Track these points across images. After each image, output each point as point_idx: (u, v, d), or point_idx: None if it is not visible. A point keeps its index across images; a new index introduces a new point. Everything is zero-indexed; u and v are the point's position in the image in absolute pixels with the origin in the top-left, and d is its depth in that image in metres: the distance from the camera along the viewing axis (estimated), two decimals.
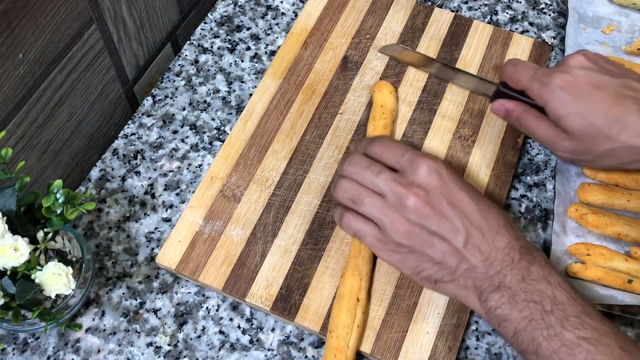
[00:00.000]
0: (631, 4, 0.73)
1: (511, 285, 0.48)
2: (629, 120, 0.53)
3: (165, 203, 0.64)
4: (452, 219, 0.50)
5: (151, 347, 0.57)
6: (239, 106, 0.69)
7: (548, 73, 0.56)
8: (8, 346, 0.57)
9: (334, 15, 0.73)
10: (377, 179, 0.52)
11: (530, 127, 0.57)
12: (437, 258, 0.50)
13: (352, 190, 0.53)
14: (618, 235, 0.60)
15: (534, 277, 0.48)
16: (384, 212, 0.51)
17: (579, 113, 0.54)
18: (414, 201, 0.50)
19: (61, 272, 0.48)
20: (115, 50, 0.65)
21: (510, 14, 0.76)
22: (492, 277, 0.49)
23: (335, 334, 0.54)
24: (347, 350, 0.53)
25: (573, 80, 0.55)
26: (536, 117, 0.57)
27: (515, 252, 0.49)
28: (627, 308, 0.56)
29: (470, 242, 0.49)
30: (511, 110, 0.59)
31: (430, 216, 0.50)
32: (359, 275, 0.56)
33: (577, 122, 0.54)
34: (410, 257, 0.52)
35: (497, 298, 0.48)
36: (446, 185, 0.51)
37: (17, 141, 0.57)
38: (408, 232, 0.51)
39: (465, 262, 0.50)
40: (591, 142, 0.54)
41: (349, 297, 0.55)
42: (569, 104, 0.54)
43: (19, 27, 0.51)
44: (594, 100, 0.54)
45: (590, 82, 0.55)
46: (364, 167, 0.53)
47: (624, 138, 0.53)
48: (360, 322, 0.55)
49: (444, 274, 0.51)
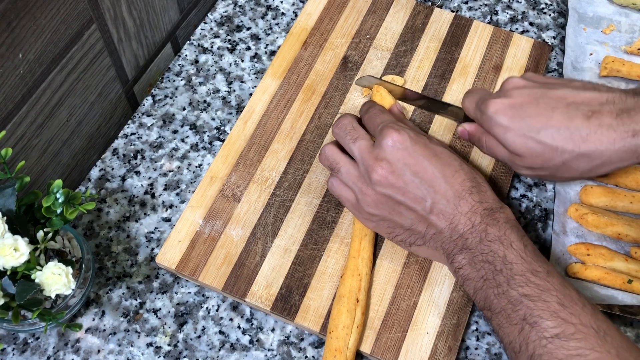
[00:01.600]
0: (631, 4, 0.73)
1: (471, 247, 0.51)
2: (572, 127, 0.52)
3: (165, 203, 0.64)
4: (416, 188, 0.53)
5: (151, 347, 0.57)
6: (239, 106, 0.69)
7: (486, 100, 0.56)
8: (8, 346, 0.57)
9: (334, 15, 0.73)
10: (354, 145, 0.55)
11: (490, 148, 0.58)
12: (406, 225, 0.54)
13: (331, 158, 0.57)
14: (618, 235, 0.60)
15: (490, 238, 0.51)
16: (355, 182, 0.55)
17: (517, 133, 0.53)
18: (379, 173, 0.53)
19: (61, 272, 0.48)
20: (115, 50, 0.65)
21: (510, 14, 0.76)
22: (456, 240, 0.52)
23: (334, 334, 0.54)
24: (346, 351, 0.53)
25: (508, 101, 0.54)
26: (494, 138, 0.57)
27: (477, 216, 0.52)
28: (627, 308, 0.56)
29: (435, 209, 0.52)
30: (472, 133, 0.60)
31: (395, 187, 0.53)
32: (358, 275, 0.56)
33: (518, 142, 0.54)
34: (382, 224, 0.55)
35: (460, 259, 0.52)
36: (410, 156, 0.53)
37: (17, 141, 0.57)
38: (376, 203, 0.54)
39: (432, 228, 0.53)
40: (541, 158, 0.54)
41: (348, 297, 0.55)
42: (506, 127, 0.54)
43: (19, 27, 0.51)
44: (530, 116, 0.53)
45: (524, 100, 0.54)
46: (347, 132, 0.57)
47: (570, 147, 0.52)
48: (359, 322, 0.55)
49: (415, 238, 0.55)
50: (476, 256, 0.51)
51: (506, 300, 0.48)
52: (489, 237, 0.50)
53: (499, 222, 0.51)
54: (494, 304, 0.49)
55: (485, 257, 0.50)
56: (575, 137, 0.52)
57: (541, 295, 0.47)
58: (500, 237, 0.50)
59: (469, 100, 0.59)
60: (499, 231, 0.51)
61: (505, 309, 0.48)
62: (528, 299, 0.47)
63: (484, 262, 0.50)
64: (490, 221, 0.51)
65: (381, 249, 0.59)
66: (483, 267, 0.50)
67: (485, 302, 0.50)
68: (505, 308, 0.48)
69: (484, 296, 0.50)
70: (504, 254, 0.49)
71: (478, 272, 0.50)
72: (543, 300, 0.47)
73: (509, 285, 0.48)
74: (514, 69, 0.70)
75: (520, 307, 0.47)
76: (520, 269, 0.49)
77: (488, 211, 0.52)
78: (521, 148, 0.54)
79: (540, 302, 0.47)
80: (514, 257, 0.49)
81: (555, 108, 0.53)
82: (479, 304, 0.51)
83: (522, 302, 0.47)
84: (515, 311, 0.47)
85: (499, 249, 0.50)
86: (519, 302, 0.47)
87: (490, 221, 0.51)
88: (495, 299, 0.49)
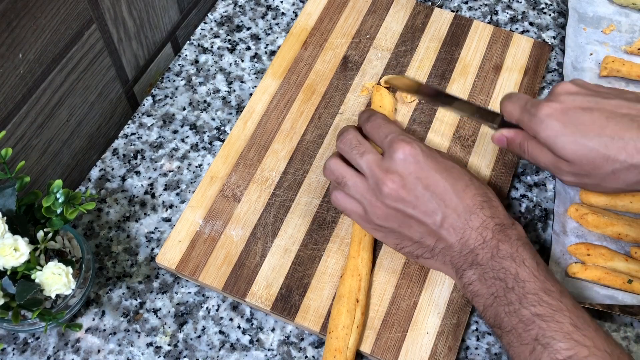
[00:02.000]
0: (631, 4, 0.73)
1: (482, 263, 0.50)
2: (626, 137, 0.51)
3: (165, 203, 0.64)
4: (427, 202, 0.52)
5: (151, 347, 0.57)
6: (239, 106, 0.69)
7: (536, 104, 0.54)
8: (8, 346, 0.57)
9: (334, 15, 0.73)
10: (361, 160, 0.55)
11: (532, 154, 0.56)
12: (415, 238, 0.54)
13: (337, 172, 0.56)
14: (618, 235, 0.60)
15: (502, 254, 0.50)
16: (364, 195, 0.54)
17: (569, 139, 0.52)
18: (390, 187, 0.52)
19: (61, 272, 0.48)
20: (115, 50, 0.65)
21: (510, 14, 0.76)
22: (466, 255, 0.51)
23: (334, 334, 0.54)
24: (346, 351, 0.53)
25: (560, 107, 0.53)
26: (538, 144, 0.56)
27: (489, 231, 0.51)
28: (627, 308, 0.56)
29: (446, 223, 0.52)
30: (512, 139, 0.58)
31: (406, 201, 0.52)
32: (358, 276, 0.56)
33: (570, 148, 0.52)
34: (391, 235, 0.55)
35: (470, 275, 0.51)
36: (422, 170, 0.52)
37: (17, 141, 0.57)
38: (386, 216, 0.53)
39: (442, 242, 0.53)
40: (590, 166, 0.52)
41: (348, 297, 0.55)
42: (558, 131, 0.53)
43: (19, 27, 0.51)
44: (584, 123, 0.52)
45: (579, 106, 0.53)
46: (352, 146, 0.56)
47: (623, 157, 0.51)
48: (359, 322, 0.55)
49: (423, 251, 0.54)
50: (487, 272, 0.50)
51: (517, 319, 0.47)
52: (500, 254, 0.50)
53: (511, 238, 0.51)
54: (505, 322, 0.48)
55: (497, 274, 0.49)
56: (629, 148, 0.51)
57: (554, 315, 0.46)
58: (512, 254, 0.50)
59: (512, 104, 0.57)
60: (511, 248, 0.50)
61: (516, 328, 0.47)
62: (540, 318, 0.46)
63: (495, 279, 0.49)
64: (502, 237, 0.51)
65: (381, 249, 0.59)
66: (494, 283, 0.49)
67: (496, 319, 0.49)
68: (516, 327, 0.47)
69: (494, 314, 0.49)
70: (516, 272, 0.49)
71: (488, 288, 0.50)
72: (556, 320, 0.46)
73: (520, 303, 0.47)
74: (514, 69, 0.70)
75: (532, 327, 0.46)
76: (532, 287, 0.48)
77: (500, 227, 0.51)
78: (572, 154, 0.52)
79: (553, 323, 0.46)
80: (527, 275, 0.49)
81: (610, 118, 0.52)
82: (489, 321, 0.50)
83: (535, 321, 0.46)
84: (527, 331, 0.47)
85: (511, 266, 0.49)
86: (531, 321, 0.47)
87: (502, 237, 0.51)
88: (506, 317, 0.48)
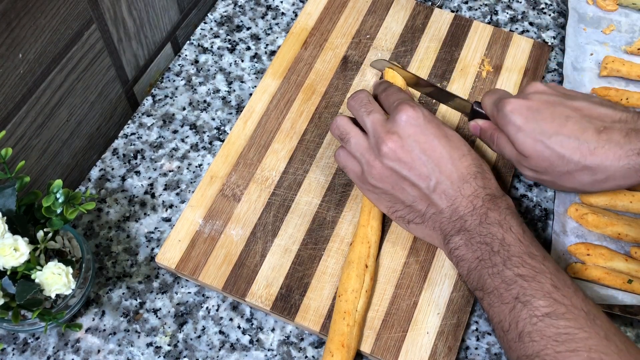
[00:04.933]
0: (631, 4, 0.73)
1: (469, 229, 0.52)
2: (581, 138, 0.53)
3: (165, 203, 0.64)
4: (422, 165, 0.53)
5: (151, 347, 0.57)
6: (239, 106, 0.69)
7: (503, 99, 0.57)
8: (8, 346, 0.57)
9: (334, 15, 0.73)
10: (367, 118, 0.56)
11: (500, 145, 0.59)
12: (407, 201, 0.55)
13: (342, 127, 0.57)
14: (618, 235, 0.60)
15: (489, 221, 0.51)
16: (364, 153, 0.55)
17: (529, 134, 0.54)
18: (389, 146, 0.54)
19: (61, 272, 0.48)
20: (115, 50, 0.65)
21: (510, 14, 0.76)
22: (455, 221, 0.53)
23: (344, 297, 0.55)
24: (355, 314, 0.54)
25: (526, 103, 0.55)
26: (504, 137, 0.58)
27: (479, 200, 0.52)
28: (627, 308, 0.56)
29: (439, 189, 0.53)
30: (485, 129, 0.60)
31: (402, 161, 0.54)
32: (367, 243, 0.57)
33: (528, 143, 0.54)
34: (384, 197, 0.56)
35: (457, 240, 0.52)
36: (422, 134, 0.54)
37: (17, 141, 0.57)
38: (381, 176, 0.55)
39: (433, 207, 0.54)
40: (546, 163, 0.54)
41: (357, 263, 0.56)
42: (518, 126, 0.55)
43: (19, 27, 0.51)
44: (544, 120, 0.54)
45: (542, 104, 0.55)
46: (362, 104, 0.57)
47: (577, 157, 0.53)
48: (368, 287, 0.56)
49: (414, 215, 0.55)
50: (474, 237, 0.51)
51: (500, 280, 0.49)
52: (488, 220, 0.51)
53: (500, 207, 0.52)
54: (487, 283, 0.50)
55: (483, 239, 0.51)
56: (583, 149, 0.53)
57: (536, 276, 0.48)
58: (500, 221, 0.51)
59: (488, 98, 0.59)
60: (499, 215, 0.51)
61: (498, 288, 0.49)
62: (522, 279, 0.48)
63: (481, 244, 0.51)
64: (492, 206, 0.52)
65: (381, 249, 0.59)
66: (479, 248, 0.51)
67: (479, 282, 0.50)
68: (498, 287, 0.49)
69: (478, 276, 0.51)
70: (502, 237, 0.50)
71: (474, 253, 0.51)
72: (537, 281, 0.48)
73: (504, 265, 0.49)
74: (514, 69, 0.70)
75: (513, 287, 0.48)
76: (517, 250, 0.49)
77: (490, 197, 0.53)
78: (529, 149, 0.55)
79: (535, 283, 0.48)
80: (512, 240, 0.50)
81: (570, 117, 0.54)
82: (471, 284, 0.52)
83: (517, 281, 0.48)
84: (509, 290, 0.48)
85: (498, 231, 0.51)
86: (513, 281, 0.48)
87: (491, 206, 0.52)
88: (489, 278, 0.49)
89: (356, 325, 0.54)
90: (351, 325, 0.54)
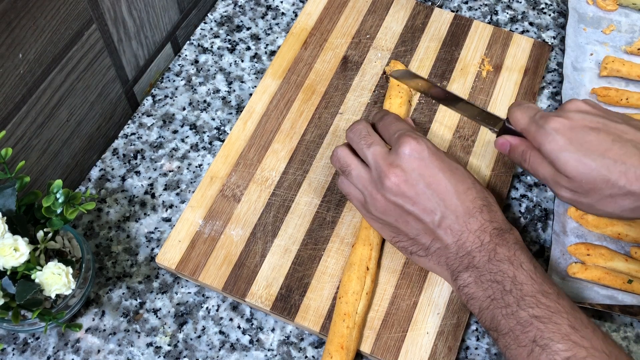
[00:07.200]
0: (631, 4, 0.73)
1: (478, 266, 0.50)
2: (628, 163, 0.50)
3: (165, 203, 0.64)
4: (427, 200, 0.52)
5: (151, 347, 0.57)
6: (239, 106, 0.69)
7: (545, 116, 0.54)
8: (8, 346, 0.57)
9: (334, 15, 0.73)
10: (368, 151, 0.55)
11: (533, 164, 0.56)
12: (411, 234, 0.54)
13: (343, 160, 0.57)
14: (618, 235, 0.60)
15: (499, 258, 0.50)
16: (366, 186, 0.55)
17: (573, 155, 0.52)
18: (392, 180, 0.53)
19: (61, 272, 0.48)
20: (115, 50, 0.65)
21: (510, 14, 0.76)
22: (462, 257, 0.51)
23: (344, 299, 0.55)
24: (355, 316, 0.54)
25: (569, 123, 0.53)
26: (539, 156, 0.55)
27: (486, 235, 0.51)
28: (627, 308, 0.56)
29: (444, 224, 0.52)
30: (515, 146, 0.57)
31: (406, 196, 0.52)
32: (369, 245, 0.57)
33: (572, 164, 0.52)
34: (387, 228, 0.55)
35: (466, 277, 0.51)
36: (426, 167, 0.53)
37: (17, 141, 0.57)
38: (384, 209, 0.54)
39: (438, 242, 0.53)
40: (590, 185, 0.52)
41: (359, 265, 0.56)
42: (562, 146, 0.52)
43: (19, 27, 0.51)
44: (589, 142, 0.52)
45: (587, 125, 0.53)
46: (361, 137, 0.56)
47: (623, 182, 0.50)
48: (369, 289, 0.56)
49: (418, 248, 0.54)
50: (483, 275, 0.50)
51: (515, 321, 0.47)
52: (497, 257, 0.50)
53: (508, 242, 0.51)
54: (502, 324, 0.48)
55: (494, 277, 0.49)
56: (630, 174, 0.50)
57: (552, 317, 0.46)
58: (510, 257, 0.50)
59: (521, 113, 0.56)
60: (508, 251, 0.50)
61: (513, 330, 0.47)
62: (538, 320, 0.46)
63: (491, 282, 0.49)
64: (500, 241, 0.51)
65: (381, 249, 0.59)
66: (490, 286, 0.49)
67: (492, 322, 0.49)
68: (513, 329, 0.47)
69: (491, 316, 0.49)
70: (514, 274, 0.49)
71: (485, 291, 0.50)
72: (554, 322, 0.46)
73: (518, 305, 0.47)
74: (514, 68, 0.70)
75: (530, 329, 0.46)
76: (530, 289, 0.48)
77: (497, 231, 0.51)
78: (573, 170, 0.52)
79: (551, 324, 0.46)
80: (524, 277, 0.49)
81: (615, 141, 0.51)
82: (485, 324, 0.50)
83: (532, 323, 0.46)
84: (525, 332, 0.47)
85: (509, 269, 0.49)
86: (529, 323, 0.47)
87: (499, 241, 0.51)
88: (503, 319, 0.48)
89: (356, 327, 0.54)
90: (351, 328, 0.54)
